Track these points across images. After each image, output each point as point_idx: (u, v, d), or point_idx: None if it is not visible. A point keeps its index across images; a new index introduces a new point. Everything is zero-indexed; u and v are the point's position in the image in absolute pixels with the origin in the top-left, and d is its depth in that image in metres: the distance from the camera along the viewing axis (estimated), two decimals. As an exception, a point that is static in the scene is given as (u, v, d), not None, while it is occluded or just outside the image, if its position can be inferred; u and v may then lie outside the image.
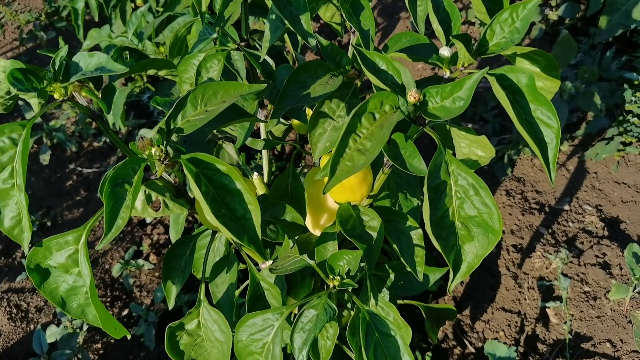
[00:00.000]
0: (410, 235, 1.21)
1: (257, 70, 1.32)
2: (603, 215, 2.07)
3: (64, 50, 0.85)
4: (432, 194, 0.95)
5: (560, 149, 2.27)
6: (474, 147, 1.27)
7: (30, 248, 0.95)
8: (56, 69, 0.85)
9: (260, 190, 1.48)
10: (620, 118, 2.25)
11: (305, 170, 2.49)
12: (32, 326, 2.14)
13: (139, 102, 2.81)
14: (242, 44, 1.33)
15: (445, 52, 0.95)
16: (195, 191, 0.91)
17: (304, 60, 1.45)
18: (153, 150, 0.95)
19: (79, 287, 0.99)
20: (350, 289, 1.25)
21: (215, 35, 1.32)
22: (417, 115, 1.00)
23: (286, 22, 1.13)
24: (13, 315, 2.17)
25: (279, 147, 2.58)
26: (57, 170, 2.69)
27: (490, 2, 1.24)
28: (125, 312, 2.17)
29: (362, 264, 1.26)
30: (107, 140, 2.74)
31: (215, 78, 1.28)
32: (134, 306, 2.09)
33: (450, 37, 0.92)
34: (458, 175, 0.96)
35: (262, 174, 1.53)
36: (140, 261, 2.26)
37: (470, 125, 2.47)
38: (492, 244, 0.97)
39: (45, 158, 2.65)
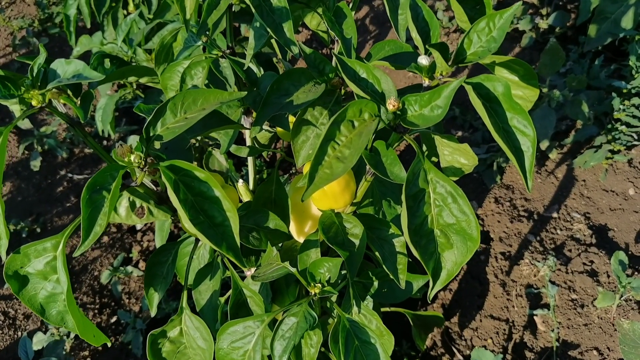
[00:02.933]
0: (393, 243, 1.21)
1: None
2: (591, 223, 2.08)
3: (41, 57, 0.86)
4: (410, 201, 0.95)
5: (549, 157, 2.28)
6: (457, 154, 1.28)
7: (8, 255, 0.95)
8: (34, 75, 0.86)
9: (246, 197, 1.48)
10: (609, 126, 2.25)
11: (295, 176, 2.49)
12: (19, 333, 2.13)
13: (130, 109, 2.81)
14: (228, 51, 1.34)
15: (423, 60, 0.95)
16: (172, 198, 0.91)
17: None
18: (132, 157, 0.95)
19: (58, 294, 0.99)
20: (333, 297, 1.26)
21: (200, 43, 1.33)
22: (397, 123, 1.00)
23: (269, 30, 1.14)
24: (0, 322, 2.16)
25: (266, 154, 2.58)
26: (48, 176, 2.69)
27: (472, 11, 1.25)
28: (114, 319, 2.17)
29: (344, 272, 1.26)
30: (98, 146, 2.74)
31: (200, 85, 1.28)
32: (122, 313, 2.09)
33: (427, 46, 0.93)
34: (436, 183, 0.96)
35: (249, 181, 1.53)
36: (130, 268, 2.25)
37: (460, 133, 2.48)
38: (470, 252, 0.97)
39: (35, 164, 2.65)
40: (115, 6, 2.68)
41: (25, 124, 2.71)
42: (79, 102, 0.91)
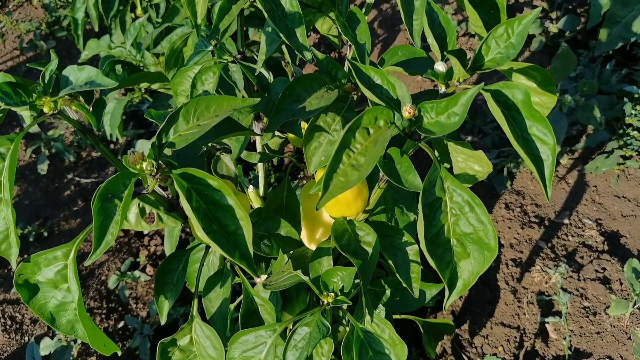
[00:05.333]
0: (406, 251, 1.20)
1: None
2: (603, 230, 2.06)
3: (53, 63, 0.84)
4: (426, 210, 0.94)
5: (560, 162, 2.26)
6: (470, 161, 1.26)
7: (19, 263, 0.94)
8: (45, 82, 0.84)
9: (256, 203, 1.47)
10: (620, 131, 2.23)
11: (304, 182, 2.48)
12: (26, 338, 2.12)
13: (138, 112, 2.80)
14: (239, 56, 1.32)
15: (440, 67, 0.93)
16: (185, 207, 0.90)
17: (301, 72, 1.44)
18: (144, 164, 0.94)
19: (68, 303, 0.98)
20: (345, 306, 1.24)
21: (211, 48, 1.32)
22: (412, 130, 0.99)
23: (281, 35, 1.12)
24: (7, 327, 2.15)
25: (275, 160, 2.57)
26: (55, 180, 2.68)
27: (487, 16, 1.23)
28: (121, 324, 2.15)
29: (357, 280, 1.24)
30: (106, 150, 2.73)
31: (211, 91, 1.27)
32: (130, 319, 2.07)
33: (445, 53, 0.91)
34: (453, 192, 0.94)
35: (258, 187, 1.52)
36: (137, 273, 2.24)
37: (469, 138, 2.46)
38: (488, 262, 0.95)
39: (43, 168, 2.64)
40: (123, 9, 2.67)
41: (33, 128, 2.70)
42: (91, 109, 0.90)
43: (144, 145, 2.15)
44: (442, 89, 0.97)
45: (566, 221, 2.11)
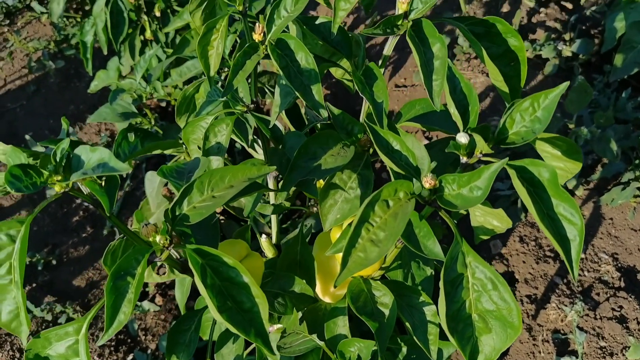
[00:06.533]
0: (424, 311, 1.17)
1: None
2: (619, 265, 2.02)
3: (65, 142, 0.82)
4: (448, 287, 0.91)
5: (575, 194, 2.22)
6: (489, 217, 1.23)
7: (29, 336, 0.92)
8: (57, 161, 0.82)
9: (269, 252, 1.44)
10: (637, 161, 2.19)
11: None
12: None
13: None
14: (252, 106, 1.30)
15: (462, 138, 0.91)
16: (199, 285, 0.87)
17: (317, 118, 1.41)
18: (157, 238, 0.92)
19: (79, 377, 0.95)
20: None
21: (223, 99, 1.29)
22: (432, 199, 0.96)
23: (297, 93, 1.10)
24: (16, 359, 2.13)
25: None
26: (64, 205, 2.67)
27: (507, 68, 1.21)
28: (130, 357, 2.13)
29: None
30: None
31: (224, 143, 1.24)
32: (138, 354, 2.05)
33: (469, 132, 0.88)
34: (475, 268, 0.91)
35: (271, 236, 1.49)
36: (146, 304, 2.22)
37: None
38: (511, 339, 0.92)
39: (51, 193, 2.62)
40: (132, 33, 2.65)
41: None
42: (103, 183, 0.87)
43: (153, 177, 2.12)
44: (463, 159, 0.94)
45: (582, 255, 2.07)
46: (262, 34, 1.15)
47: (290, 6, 1.15)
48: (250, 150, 1.45)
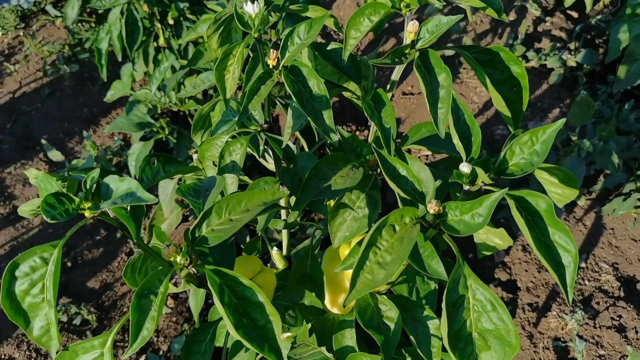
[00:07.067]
0: (427, 325, 1.23)
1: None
2: (619, 274, 2.07)
3: (95, 172, 0.88)
4: (450, 307, 0.97)
5: (577, 204, 2.27)
6: (491, 235, 1.29)
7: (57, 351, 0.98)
8: (87, 189, 0.88)
9: (280, 264, 1.51)
10: (638, 172, 2.24)
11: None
12: (51, 371, 2.18)
13: (158, 142, 2.85)
14: (265, 125, 1.36)
15: (465, 169, 0.96)
16: (217, 303, 0.93)
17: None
18: (178, 258, 0.98)
19: (104, 387, 1.02)
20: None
21: (237, 119, 1.35)
22: (436, 223, 1.02)
23: (309, 117, 1.15)
24: (32, 359, 2.21)
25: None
26: (78, 208, 2.74)
27: (509, 92, 1.26)
28: (143, 358, 2.20)
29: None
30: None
31: (238, 162, 1.30)
32: (151, 356, 2.12)
33: (471, 165, 0.94)
34: (476, 290, 0.97)
35: (282, 248, 1.55)
36: (158, 307, 2.28)
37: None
38: (509, 356, 0.98)
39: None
40: (146, 40, 2.72)
41: (57, 157, 2.76)
42: (128, 208, 0.94)
43: (166, 184, 2.19)
44: (466, 187, 1.00)
45: (583, 265, 2.13)
46: (276, 59, 1.21)
47: (303, 34, 1.20)
48: (261, 160, 1.51)
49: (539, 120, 2.59)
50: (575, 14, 3.11)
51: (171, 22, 2.67)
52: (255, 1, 1.22)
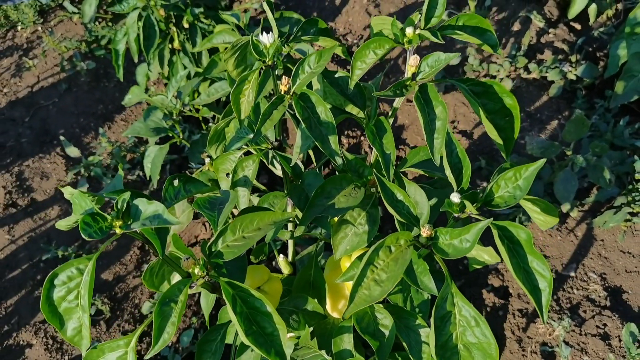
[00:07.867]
0: (419, 333, 1.34)
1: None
2: (607, 284, 2.18)
3: (126, 194, 1.00)
4: (438, 322, 1.08)
5: (570, 215, 2.38)
6: (481, 252, 1.40)
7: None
8: (118, 209, 1.00)
9: (285, 269, 1.62)
10: (630, 187, 2.35)
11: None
12: (66, 357, 2.31)
13: (173, 147, 2.96)
14: (276, 143, 1.47)
15: (455, 198, 1.07)
16: (230, 313, 1.05)
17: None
18: (196, 270, 1.10)
19: (127, 381, 1.14)
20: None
21: (251, 135, 1.46)
22: (429, 244, 1.13)
23: (316, 142, 1.27)
24: (49, 346, 2.34)
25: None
26: (93, 202, 2.86)
27: (502, 121, 1.37)
28: (153, 348, 2.33)
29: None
30: (141, 173, 2.89)
31: (250, 177, 1.42)
32: (162, 347, 2.25)
33: (461, 198, 1.05)
34: (462, 307, 1.09)
35: (287, 254, 1.67)
36: (168, 300, 2.41)
37: (484, 184, 2.59)
38: (489, 367, 1.10)
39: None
40: (162, 43, 2.83)
41: (74, 153, 2.88)
42: (153, 228, 1.05)
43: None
44: (456, 214, 1.11)
45: (572, 274, 2.24)
46: (287, 85, 1.32)
47: (313, 63, 1.31)
48: (270, 167, 1.62)
49: (538, 131, 2.69)
50: (578, 26, 3.20)
51: (186, 25, 2.78)
52: (270, 32, 1.33)
